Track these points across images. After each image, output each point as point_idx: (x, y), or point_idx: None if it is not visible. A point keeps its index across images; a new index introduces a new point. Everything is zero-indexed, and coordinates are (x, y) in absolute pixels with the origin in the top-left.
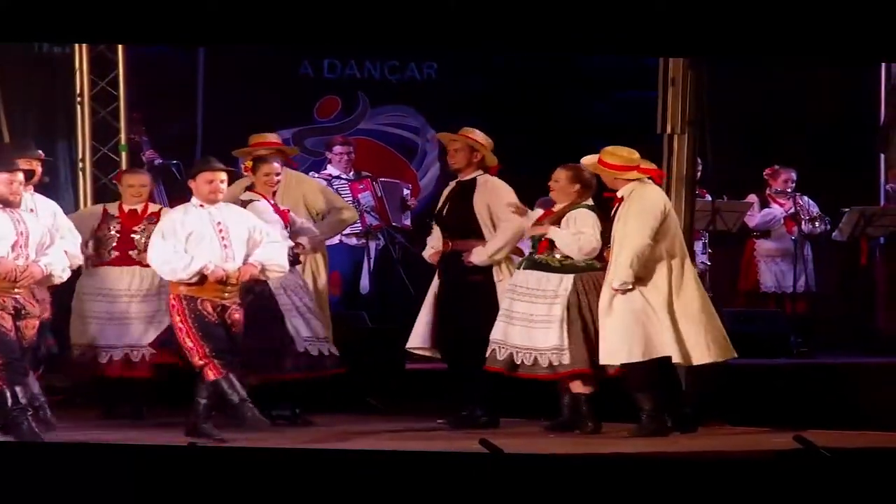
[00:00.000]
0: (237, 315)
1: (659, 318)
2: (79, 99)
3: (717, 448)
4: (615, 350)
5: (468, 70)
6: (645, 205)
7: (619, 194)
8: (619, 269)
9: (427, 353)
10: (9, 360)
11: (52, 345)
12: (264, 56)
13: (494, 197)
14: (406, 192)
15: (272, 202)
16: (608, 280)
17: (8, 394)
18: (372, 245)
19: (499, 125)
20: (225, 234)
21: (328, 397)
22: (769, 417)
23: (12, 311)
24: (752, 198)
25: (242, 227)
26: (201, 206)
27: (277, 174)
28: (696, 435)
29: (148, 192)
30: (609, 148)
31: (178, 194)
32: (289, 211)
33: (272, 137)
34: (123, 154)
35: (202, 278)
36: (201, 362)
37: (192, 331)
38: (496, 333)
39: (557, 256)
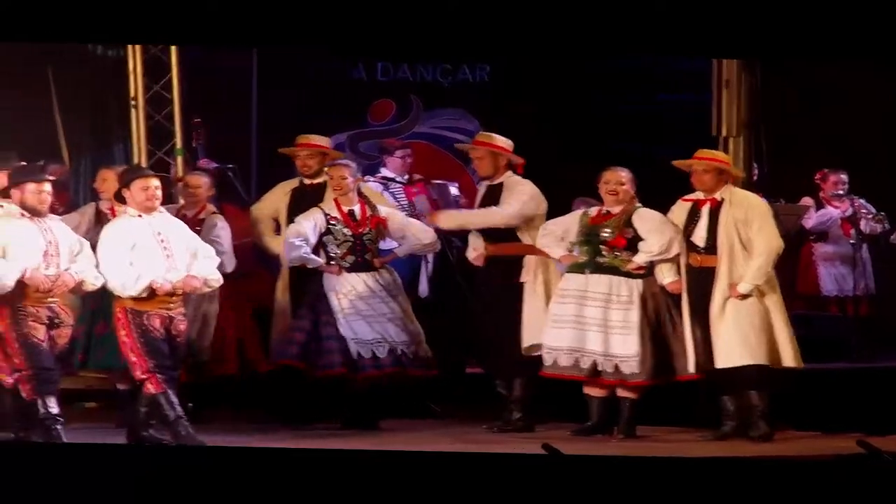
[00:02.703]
0: (182, 325)
1: (777, 322)
2: (133, 103)
3: (781, 452)
4: (739, 353)
5: (520, 72)
6: (765, 208)
7: (717, 196)
8: (757, 272)
9: None
10: (40, 369)
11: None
12: (317, 59)
13: (514, 192)
14: (454, 190)
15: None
16: (721, 284)
17: (39, 402)
18: None
19: (552, 127)
20: (166, 243)
21: (389, 402)
22: (832, 422)
23: (46, 321)
24: (808, 201)
25: (182, 236)
26: (139, 215)
27: (343, 178)
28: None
29: (205, 195)
30: (706, 150)
31: (231, 199)
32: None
33: (318, 140)
34: (179, 158)
35: (150, 293)
36: (143, 376)
37: (136, 346)
38: (564, 340)
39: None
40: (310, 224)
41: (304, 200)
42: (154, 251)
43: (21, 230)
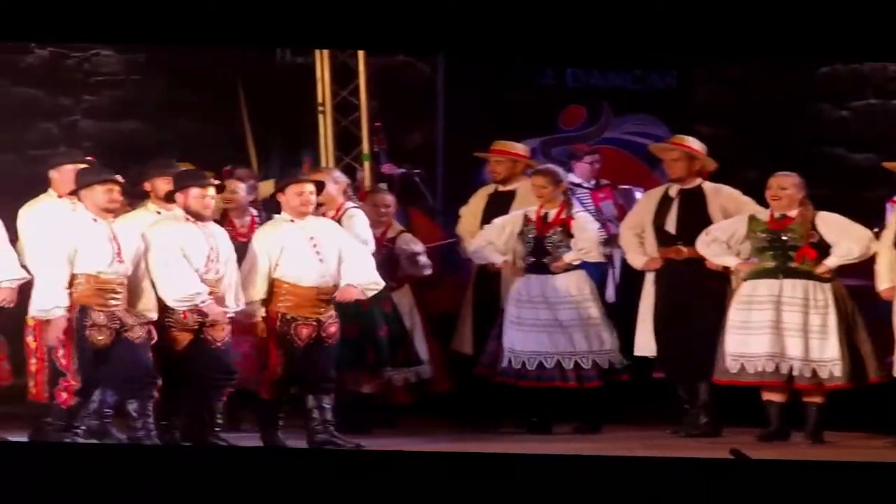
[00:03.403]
0: (333, 328)
1: None
2: (321, 108)
3: None
4: None
5: (706, 79)
6: None
7: None
8: None
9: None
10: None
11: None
12: (505, 64)
13: (735, 203)
14: (639, 195)
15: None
16: None
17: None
18: (616, 254)
19: (737, 134)
20: (319, 248)
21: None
22: None
23: (194, 326)
24: None
25: (335, 238)
26: (291, 220)
27: (543, 186)
28: None
29: (393, 213)
30: None
31: (418, 205)
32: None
33: (510, 147)
34: (366, 164)
35: (301, 299)
36: (264, 381)
37: (275, 352)
38: (763, 346)
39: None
40: (498, 225)
41: (495, 206)
42: (305, 255)
43: (190, 234)
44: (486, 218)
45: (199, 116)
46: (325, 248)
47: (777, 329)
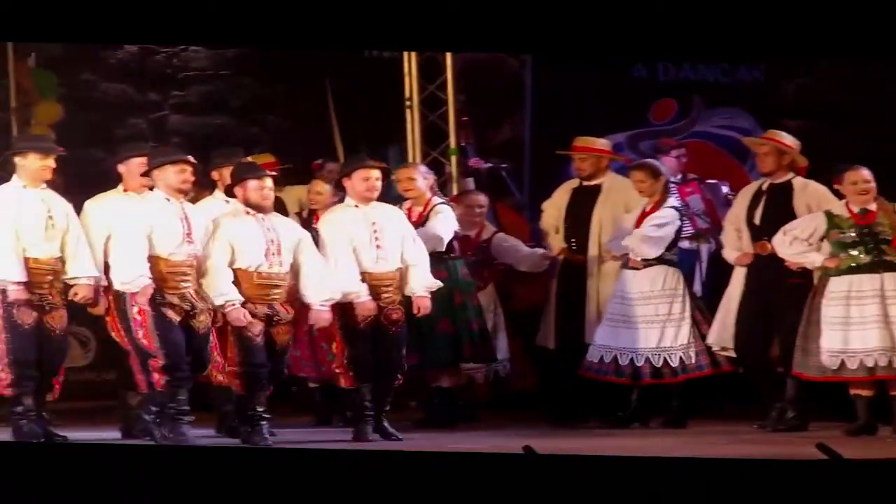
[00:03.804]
0: (395, 315)
1: None
2: (408, 103)
3: None
4: None
5: (793, 73)
6: None
7: None
8: None
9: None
10: (250, 366)
11: None
12: (595, 58)
13: (819, 201)
14: (725, 189)
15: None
16: None
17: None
18: (703, 248)
19: (824, 128)
20: (379, 234)
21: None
22: None
23: (263, 318)
24: None
25: (397, 226)
26: (356, 206)
27: (641, 181)
28: None
29: (485, 214)
30: None
31: (505, 200)
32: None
33: (594, 143)
34: (453, 158)
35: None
36: (338, 371)
37: (337, 336)
38: (873, 340)
39: None
40: (626, 219)
41: (579, 201)
42: (365, 241)
43: (245, 228)
44: (570, 212)
45: (287, 112)
46: (384, 234)
47: (885, 323)
